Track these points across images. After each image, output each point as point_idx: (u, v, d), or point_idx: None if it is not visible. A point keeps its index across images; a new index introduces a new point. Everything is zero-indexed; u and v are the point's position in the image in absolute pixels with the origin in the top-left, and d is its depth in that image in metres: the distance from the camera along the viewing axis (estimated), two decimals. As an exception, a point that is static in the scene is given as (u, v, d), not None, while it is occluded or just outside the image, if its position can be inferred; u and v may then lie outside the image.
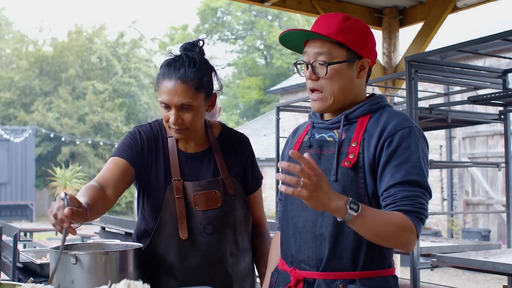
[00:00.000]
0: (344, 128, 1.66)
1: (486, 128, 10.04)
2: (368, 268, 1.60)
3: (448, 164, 7.32)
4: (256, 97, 28.88)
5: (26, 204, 17.94)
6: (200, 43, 1.94)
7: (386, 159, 1.56)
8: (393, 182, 1.54)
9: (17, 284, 1.69)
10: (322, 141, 1.69)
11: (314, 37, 1.66)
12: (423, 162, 1.57)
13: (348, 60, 1.64)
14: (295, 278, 1.65)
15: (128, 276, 1.72)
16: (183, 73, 1.82)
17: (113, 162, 1.90)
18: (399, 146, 1.56)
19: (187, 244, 1.89)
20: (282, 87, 17.27)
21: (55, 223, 1.50)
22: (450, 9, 4.94)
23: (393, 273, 1.67)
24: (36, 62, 24.47)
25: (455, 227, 10.74)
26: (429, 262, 3.16)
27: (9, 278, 2.13)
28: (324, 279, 1.60)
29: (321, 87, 1.66)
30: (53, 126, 22.47)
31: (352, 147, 1.61)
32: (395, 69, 5.41)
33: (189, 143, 1.98)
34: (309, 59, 1.67)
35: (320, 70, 1.64)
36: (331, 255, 1.59)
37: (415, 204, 1.52)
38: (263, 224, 2.14)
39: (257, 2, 5.09)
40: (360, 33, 1.66)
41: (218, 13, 30.44)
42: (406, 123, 1.60)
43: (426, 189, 1.55)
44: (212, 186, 1.93)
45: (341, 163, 1.60)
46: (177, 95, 1.81)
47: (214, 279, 1.93)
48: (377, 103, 1.68)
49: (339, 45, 1.63)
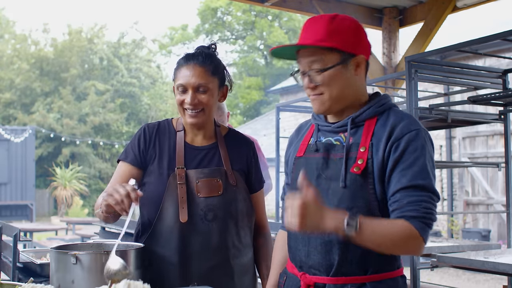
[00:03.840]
0: (351, 131, 1.65)
1: (486, 128, 10.04)
2: (378, 271, 1.60)
3: (448, 164, 7.32)
4: (256, 97, 28.88)
5: (26, 204, 17.93)
6: (213, 46, 2.09)
7: (393, 163, 1.56)
8: (399, 187, 1.54)
9: (17, 284, 1.69)
10: (329, 145, 1.67)
11: (306, 47, 1.63)
12: (429, 165, 1.56)
13: (342, 62, 1.61)
14: (305, 283, 1.65)
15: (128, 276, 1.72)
16: (201, 60, 1.98)
17: (120, 169, 2.04)
18: (406, 149, 1.55)
19: (188, 229, 1.94)
20: (282, 87, 17.27)
21: (122, 206, 1.70)
22: (450, 9, 4.95)
23: (401, 273, 1.67)
24: (36, 62, 24.46)
25: (455, 227, 10.74)
26: (429, 262, 3.16)
27: (9, 278, 2.13)
28: (334, 284, 1.60)
29: (321, 92, 1.64)
30: (53, 127, 22.45)
31: (361, 152, 1.59)
32: (395, 69, 5.41)
33: (197, 136, 2.07)
34: (304, 68, 1.65)
35: (316, 77, 1.62)
36: (341, 260, 1.59)
37: (420, 210, 1.51)
38: (265, 226, 2.18)
39: (257, 2, 5.10)
40: (349, 31, 1.62)
41: (218, 13, 30.44)
42: (413, 126, 1.59)
43: (433, 193, 1.54)
44: (215, 174, 2.00)
45: (350, 169, 1.58)
46: (195, 76, 1.95)
47: (215, 268, 1.96)
48: (383, 104, 1.66)
49: (330, 49, 1.60)
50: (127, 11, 56.11)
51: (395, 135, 1.57)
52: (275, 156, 4.90)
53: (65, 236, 12.68)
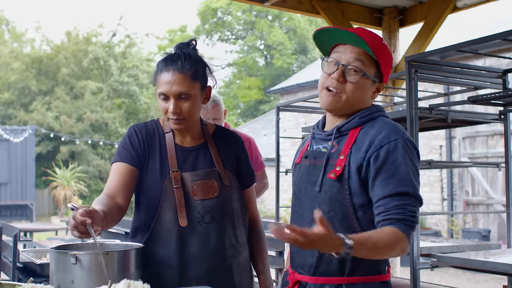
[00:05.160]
0: (337, 140, 1.74)
1: (486, 128, 10.04)
2: (354, 274, 1.68)
3: (448, 164, 7.32)
4: (256, 97, 28.88)
5: (26, 204, 17.93)
6: (193, 42, 2.04)
7: (374, 173, 1.63)
8: (384, 195, 1.61)
9: (17, 284, 1.69)
10: (317, 152, 1.78)
11: (361, 46, 1.69)
12: (411, 172, 1.64)
13: (374, 78, 1.73)
14: (292, 280, 1.79)
15: (128, 276, 1.72)
16: (180, 65, 1.93)
17: (116, 169, 1.99)
18: (386, 160, 1.63)
19: (186, 233, 1.94)
20: (282, 87, 17.26)
21: (79, 229, 1.58)
22: (450, 9, 4.94)
23: (384, 279, 1.72)
24: (33, 63, 24.46)
25: (455, 227, 10.75)
26: (429, 262, 3.16)
27: (9, 278, 2.13)
28: (314, 283, 1.72)
29: (342, 89, 1.70)
30: (52, 125, 22.45)
31: (340, 159, 1.68)
32: (395, 69, 5.41)
33: (185, 138, 2.06)
34: (345, 61, 1.70)
35: (351, 75, 1.69)
36: (319, 261, 1.70)
37: (406, 213, 1.59)
38: (257, 221, 2.20)
39: (257, 2, 5.09)
40: (389, 58, 1.76)
41: (218, 13, 30.45)
42: (393, 136, 1.65)
43: (416, 197, 1.63)
44: (209, 176, 2.00)
45: (327, 175, 1.68)
46: (175, 84, 1.91)
47: (214, 270, 1.95)
48: (368, 114, 1.74)
49: (374, 61, 1.70)
50: (127, 11, 56.14)
51: (374, 146, 1.64)
52: (275, 156, 4.89)
53: (65, 236, 12.70)
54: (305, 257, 1.73)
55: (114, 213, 1.85)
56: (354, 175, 1.64)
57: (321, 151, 1.76)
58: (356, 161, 1.65)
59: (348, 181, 1.65)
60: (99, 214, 1.66)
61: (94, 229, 1.59)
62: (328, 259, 1.67)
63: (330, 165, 1.69)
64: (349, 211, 1.65)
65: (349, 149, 1.68)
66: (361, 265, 1.67)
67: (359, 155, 1.65)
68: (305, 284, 1.74)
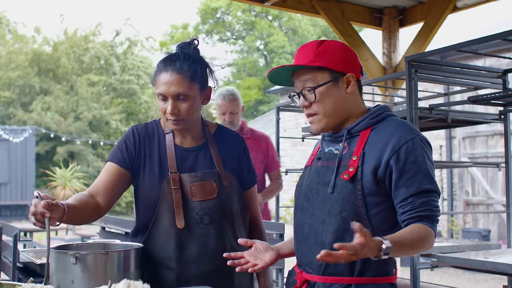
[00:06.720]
0: (348, 141, 1.77)
1: (486, 128, 10.03)
2: (364, 274, 1.70)
3: (448, 164, 7.32)
4: (256, 97, 28.88)
5: (26, 204, 17.90)
6: (195, 42, 2.04)
7: (397, 174, 1.67)
8: (409, 194, 1.66)
9: (17, 284, 1.69)
10: (330, 154, 1.81)
11: (296, 69, 1.78)
12: (430, 169, 1.70)
13: (332, 80, 1.74)
14: (300, 280, 1.79)
15: (128, 276, 1.72)
16: (178, 66, 1.93)
17: (105, 169, 2.00)
18: (407, 160, 1.67)
19: (184, 234, 1.93)
20: (282, 87, 17.25)
21: (37, 217, 1.62)
22: (450, 9, 4.95)
23: (391, 281, 1.75)
24: (33, 61, 24.44)
25: (455, 227, 10.75)
26: (429, 262, 3.16)
27: (9, 278, 2.13)
28: (323, 283, 1.72)
29: (315, 111, 1.77)
30: (49, 125, 22.43)
31: (353, 160, 1.71)
32: (395, 69, 5.42)
33: (186, 138, 2.05)
34: (298, 88, 1.79)
35: (309, 95, 1.76)
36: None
37: (432, 209, 1.66)
38: (258, 222, 2.19)
39: (257, 2, 5.10)
40: (336, 52, 1.76)
41: (218, 13, 30.45)
42: (408, 135, 1.69)
43: (437, 192, 1.69)
44: (208, 177, 1.99)
45: (340, 176, 1.71)
46: (173, 85, 1.91)
47: (214, 271, 1.95)
48: (378, 115, 1.78)
49: (320, 69, 1.74)
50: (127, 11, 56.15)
51: (392, 146, 1.68)
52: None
53: (65, 236, 12.69)
54: (314, 256, 1.70)
55: (88, 211, 1.87)
56: (368, 175, 1.68)
57: (334, 153, 1.79)
58: (371, 161, 1.69)
59: (361, 181, 1.68)
60: (61, 208, 1.68)
61: (51, 223, 1.62)
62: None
63: (342, 166, 1.72)
64: (361, 211, 1.68)
65: (361, 149, 1.71)
66: (370, 266, 1.69)
67: (374, 156, 1.69)
68: (313, 283, 1.75)
